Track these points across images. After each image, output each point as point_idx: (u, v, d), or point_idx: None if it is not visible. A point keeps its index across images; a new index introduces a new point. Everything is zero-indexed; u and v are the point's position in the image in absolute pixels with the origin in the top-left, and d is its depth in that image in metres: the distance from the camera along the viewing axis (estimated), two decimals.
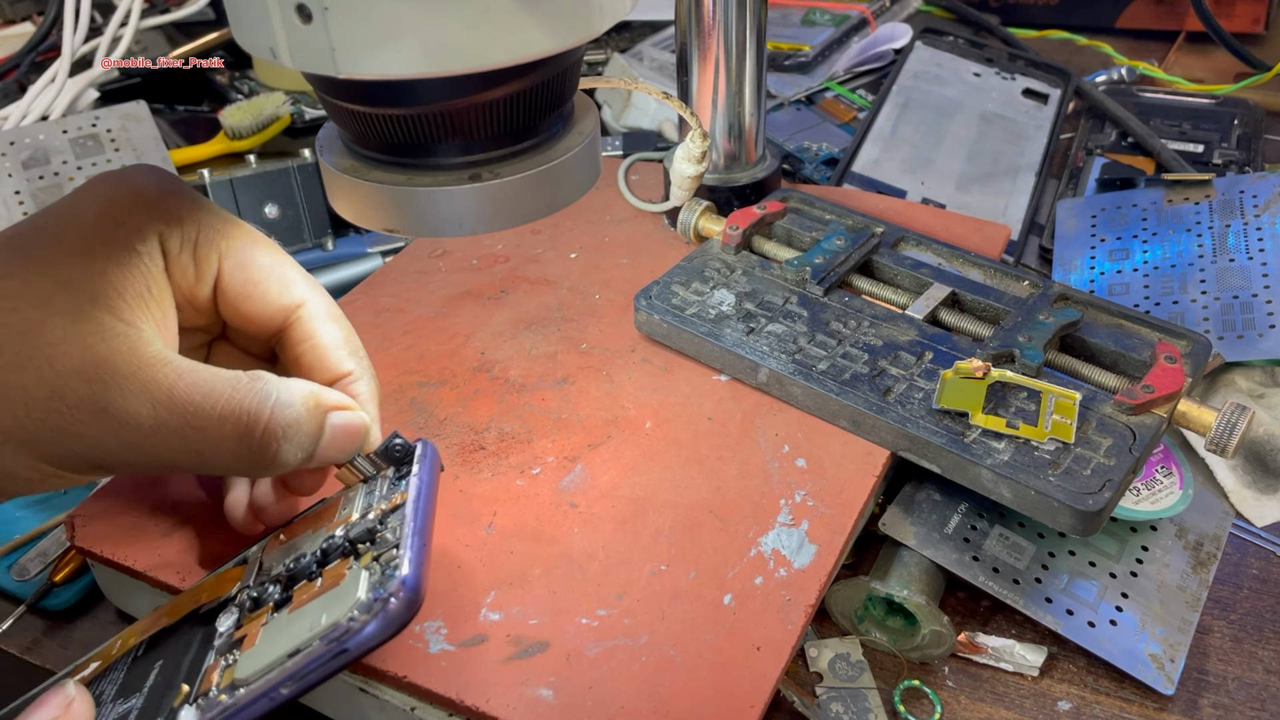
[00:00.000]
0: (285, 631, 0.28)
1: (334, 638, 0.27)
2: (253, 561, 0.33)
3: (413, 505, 0.31)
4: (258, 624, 0.30)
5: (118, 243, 0.29)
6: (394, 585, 0.28)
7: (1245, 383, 0.49)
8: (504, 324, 0.48)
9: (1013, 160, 0.67)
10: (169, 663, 0.30)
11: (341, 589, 0.29)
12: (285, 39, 0.26)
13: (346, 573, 0.29)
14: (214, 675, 0.28)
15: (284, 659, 0.27)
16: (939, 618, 0.37)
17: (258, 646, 0.28)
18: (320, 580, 0.30)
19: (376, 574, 0.29)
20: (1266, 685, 0.38)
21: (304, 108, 0.72)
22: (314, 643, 0.27)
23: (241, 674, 0.28)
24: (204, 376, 0.29)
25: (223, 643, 0.30)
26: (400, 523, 0.30)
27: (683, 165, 0.50)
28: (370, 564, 0.29)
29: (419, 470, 0.33)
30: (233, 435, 0.29)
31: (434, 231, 0.31)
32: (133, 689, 0.30)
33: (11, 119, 0.67)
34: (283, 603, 0.30)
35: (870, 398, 0.40)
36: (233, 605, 0.31)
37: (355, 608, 0.27)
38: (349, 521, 0.32)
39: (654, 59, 0.79)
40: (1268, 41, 0.85)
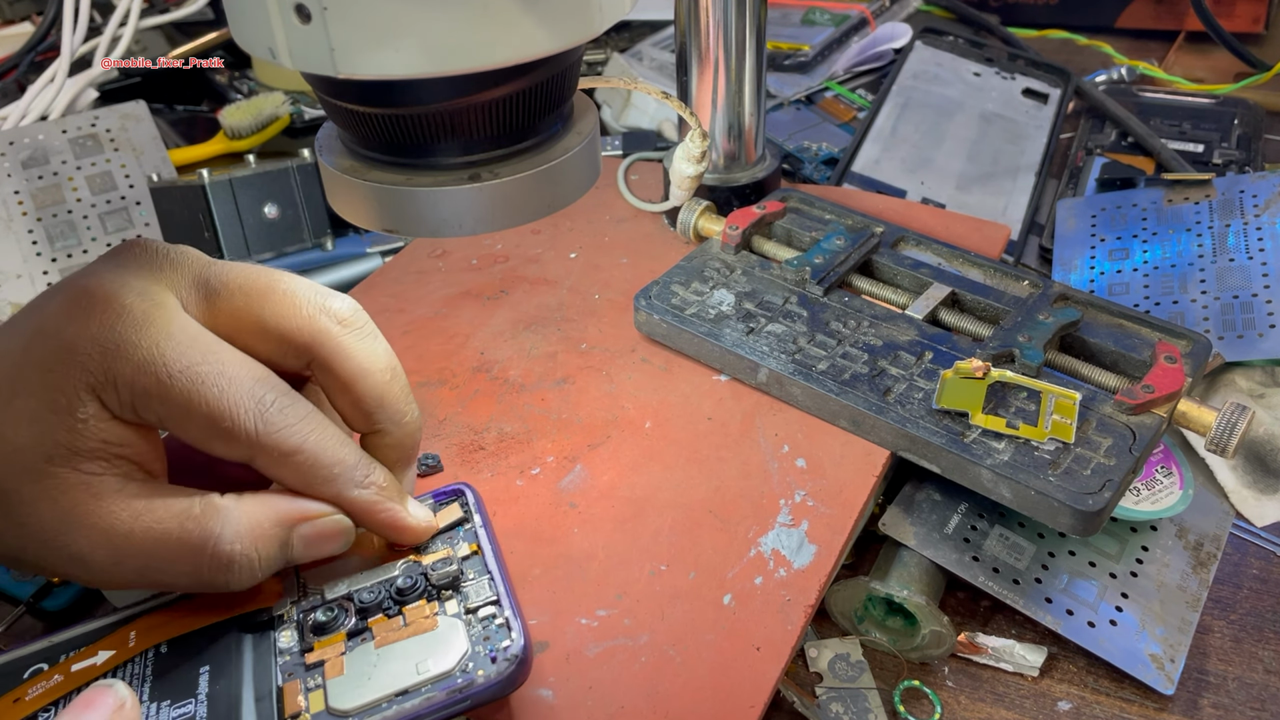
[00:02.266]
0: (380, 667, 0.30)
1: (455, 688, 0.29)
2: (288, 578, 0.33)
3: (495, 561, 0.33)
4: (334, 651, 0.31)
5: (60, 408, 0.30)
6: (511, 647, 0.30)
7: (1245, 383, 0.49)
8: (504, 324, 0.48)
9: (1013, 160, 0.67)
10: (220, 672, 0.30)
11: (440, 636, 0.30)
12: (284, 39, 0.26)
13: (438, 619, 0.31)
14: (298, 698, 0.29)
15: (392, 697, 0.29)
16: (939, 618, 0.37)
17: (349, 677, 0.30)
18: (404, 619, 0.31)
19: (476, 626, 0.31)
20: (1266, 685, 0.38)
21: (303, 108, 0.72)
22: (426, 688, 0.29)
23: (340, 704, 0.29)
24: (158, 515, 0.30)
25: (291, 663, 0.30)
26: (482, 574, 0.32)
27: (682, 165, 0.49)
28: (460, 613, 0.31)
29: (482, 522, 0.34)
30: (185, 570, 0.30)
31: (433, 231, 0.31)
32: (179, 693, 0.30)
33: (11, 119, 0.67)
34: (356, 632, 0.31)
35: (870, 398, 0.40)
36: (287, 621, 0.32)
37: (467, 659, 0.30)
38: (416, 561, 0.33)
39: (654, 59, 0.79)
40: (1268, 41, 0.85)
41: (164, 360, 0.30)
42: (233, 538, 0.30)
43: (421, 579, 0.32)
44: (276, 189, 0.59)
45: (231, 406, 0.30)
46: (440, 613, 0.31)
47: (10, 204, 0.59)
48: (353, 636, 0.31)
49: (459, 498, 0.36)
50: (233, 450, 0.31)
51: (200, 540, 0.30)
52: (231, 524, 0.30)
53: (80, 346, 0.30)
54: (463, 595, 0.32)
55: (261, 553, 0.31)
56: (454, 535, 0.34)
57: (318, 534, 0.32)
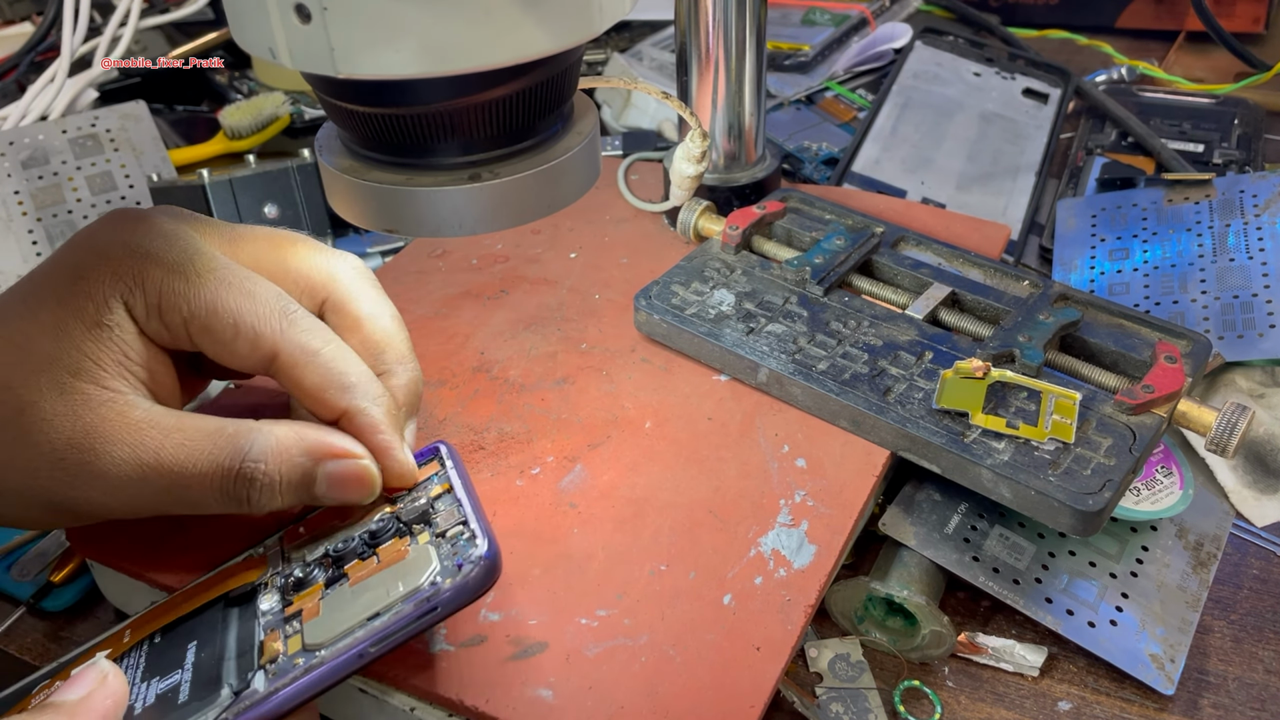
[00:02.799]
0: (354, 601, 0.30)
1: (423, 598, 0.29)
2: (272, 552, 0.34)
3: (463, 491, 0.33)
4: (313, 599, 0.30)
5: (88, 317, 0.31)
6: (476, 553, 0.30)
7: (1245, 382, 0.49)
8: (504, 324, 0.48)
9: (1013, 160, 0.67)
10: (206, 642, 0.30)
11: (411, 561, 0.30)
12: (284, 39, 0.26)
13: (409, 549, 0.31)
14: (276, 645, 0.29)
15: (364, 622, 0.29)
16: (939, 618, 0.37)
17: (323, 616, 0.30)
18: (378, 558, 0.31)
19: (445, 545, 0.31)
20: (1267, 685, 0.38)
21: (303, 108, 0.72)
22: (396, 604, 0.29)
23: (314, 639, 0.29)
24: (188, 434, 0.31)
25: (272, 619, 0.31)
26: (455, 505, 0.32)
27: (682, 165, 0.49)
28: (433, 540, 0.31)
29: (452, 465, 0.35)
30: (214, 487, 0.31)
31: (434, 231, 0.31)
32: (167, 668, 0.30)
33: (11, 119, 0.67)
34: (334, 580, 0.31)
35: (870, 398, 0.40)
36: (269, 588, 0.32)
37: (436, 574, 0.29)
38: (390, 511, 0.33)
39: (654, 59, 0.79)
40: (1268, 41, 0.85)
41: (193, 264, 0.32)
42: (260, 456, 0.31)
43: (393, 520, 0.32)
44: (276, 189, 0.59)
45: (258, 306, 0.32)
46: (411, 544, 0.31)
47: (10, 204, 0.59)
48: (330, 585, 0.31)
49: (435, 455, 0.36)
50: (255, 351, 0.32)
51: (231, 456, 0.31)
52: (260, 444, 0.31)
53: (112, 251, 0.31)
54: (433, 526, 0.32)
55: (285, 477, 0.32)
56: (427, 483, 0.35)
57: (344, 474, 0.32)
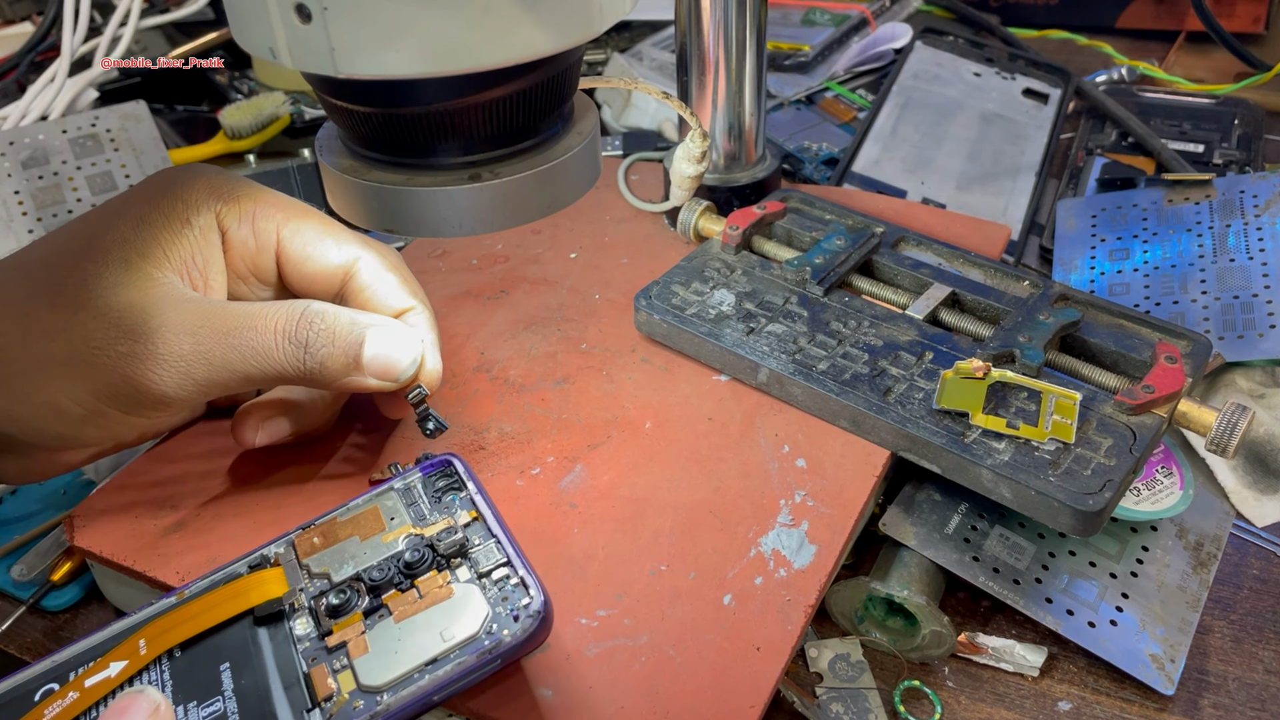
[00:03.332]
0: (404, 641, 0.30)
1: (484, 649, 0.29)
2: (288, 563, 0.33)
3: (496, 521, 0.33)
4: (355, 631, 0.31)
5: (174, 214, 0.34)
6: (533, 605, 0.30)
7: (1246, 383, 0.49)
8: (504, 324, 0.48)
9: (1013, 160, 0.67)
10: (242, 666, 0.30)
11: (458, 603, 0.31)
12: (284, 39, 0.26)
13: (453, 587, 0.31)
14: (329, 682, 0.29)
15: (423, 666, 0.29)
16: (939, 618, 0.37)
17: (375, 654, 0.30)
18: (419, 593, 0.31)
19: (492, 589, 0.31)
20: (1267, 685, 0.38)
21: (303, 108, 0.72)
22: (456, 653, 0.29)
23: (370, 680, 0.29)
24: (247, 305, 0.34)
25: (313, 647, 0.30)
26: (492, 541, 0.33)
27: (683, 165, 0.49)
28: (474, 579, 0.31)
29: (476, 489, 0.35)
30: (279, 330, 0.33)
31: (434, 231, 0.31)
32: (204, 694, 0.30)
33: (11, 119, 0.67)
34: (372, 610, 0.31)
35: (870, 398, 0.40)
36: (299, 609, 0.32)
37: (490, 622, 0.30)
38: (417, 534, 0.33)
39: (654, 59, 0.79)
40: (1268, 41, 0.85)
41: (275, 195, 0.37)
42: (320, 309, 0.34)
43: (428, 550, 0.32)
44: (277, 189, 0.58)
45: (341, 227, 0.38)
46: (453, 580, 0.32)
47: (10, 204, 0.59)
48: (369, 615, 0.31)
49: (446, 467, 0.36)
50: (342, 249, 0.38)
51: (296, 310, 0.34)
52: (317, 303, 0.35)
53: (208, 172, 0.36)
54: (472, 561, 0.32)
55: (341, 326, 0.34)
56: (450, 504, 0.34)
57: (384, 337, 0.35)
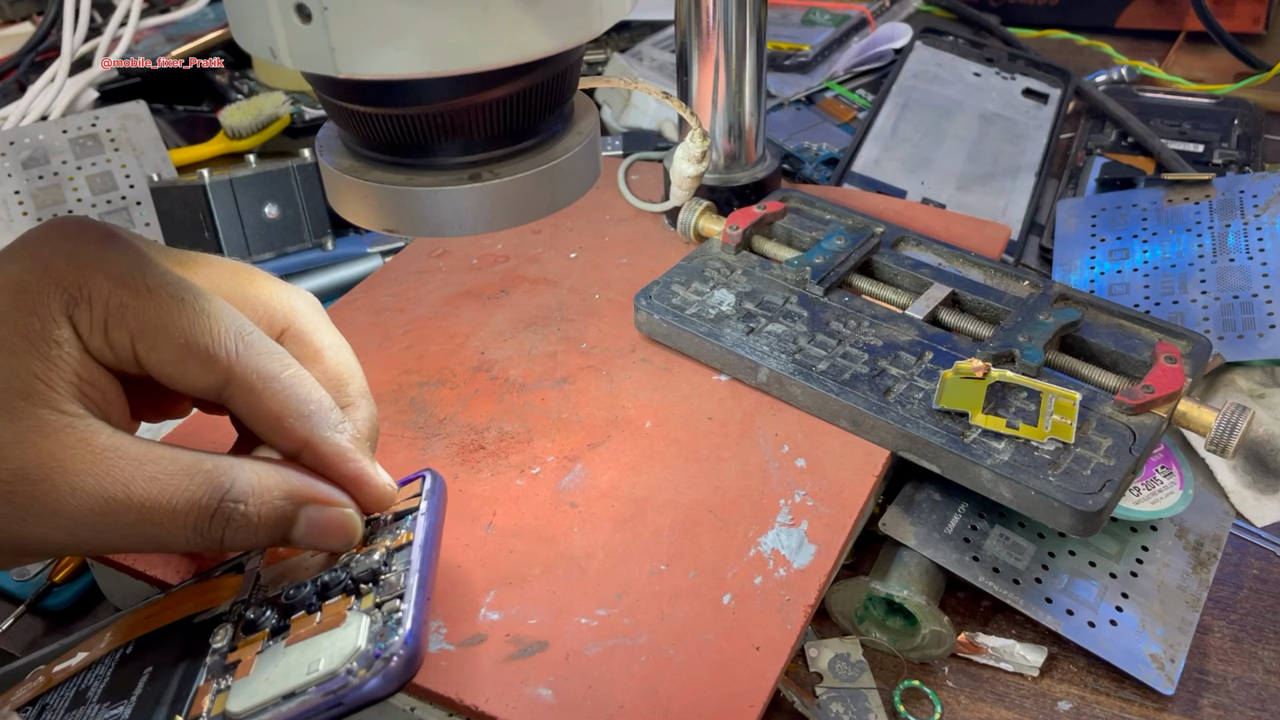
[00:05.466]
0: (280, 666, 0.28)
1: (331, 689, 0.27)
2: (249, 574, 0.33)
3: (419, 551, 0.30)
4: (252, 650, 0.29)
5: (34, 334, 0.28)
6: (395, 644, 0.27)
7: (1245, 383, 0.49)
8: (504, 324, 0.48)
9: (1013, 160, 0.67)
10: (158, 672, 0.30)
11: (341, 632, 0.28)
12: (285, 39, 0.26)
13: (347, 614, 0.29)
14: (204, 700, 0.28)
15: (279, 699, 0.27)
16: (939, 618, 0.37)
17: (251, 678, 0.28)
18: (320, 616, 0.29)
19: (379, 623, 0.28)
20: (1267, 685, 0.38)
21: (304, 108, 0.72)
22: (310, 690, 0.27)
23: (235, 707, 0.27)
24: (162, 466, 0.28)
25: (215, 662, 0.29)
26: (405, 568, 0.30)
27: (683, 165, 0.49)
28: (371, 609, 0.29)
29: (426, 509, 0.32)
30: (188, 525, 0.29)
31: (434, 231, 0.31)
32: (121, 693, 0.29)
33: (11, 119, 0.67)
34: (279, 630, 0.30)
35: (870, 398, 0.40)
36: (226, 622, 0.31)
37: (354, 659, 0.27)
38: (357, 552, 0.31)
39: (654, 59, 0.79)
40: (1268, 41, 0.85)
41: (144, 276, 0.29)
42: (240, 495, 0.29)
43: (344, 573, 0.30)
44: (277, 189, 0.59)
45: (212, 325, 0.30)
46: (353, 608, 0.29)
47: (10, 204, 0.59)
48: (276, 634, 0.29)
49: (419, 480, 0.34)
50: (206, 375, 0.30)
51: (209, 494, 0.28)
52: (241, 482, 0.29)
53: (56, 263, 0.29)
54: (380, 588, 0.30)
55: (264, 519, 0.30)
56: (400, 522, 0.32)
57: (325, 522, 0.31)
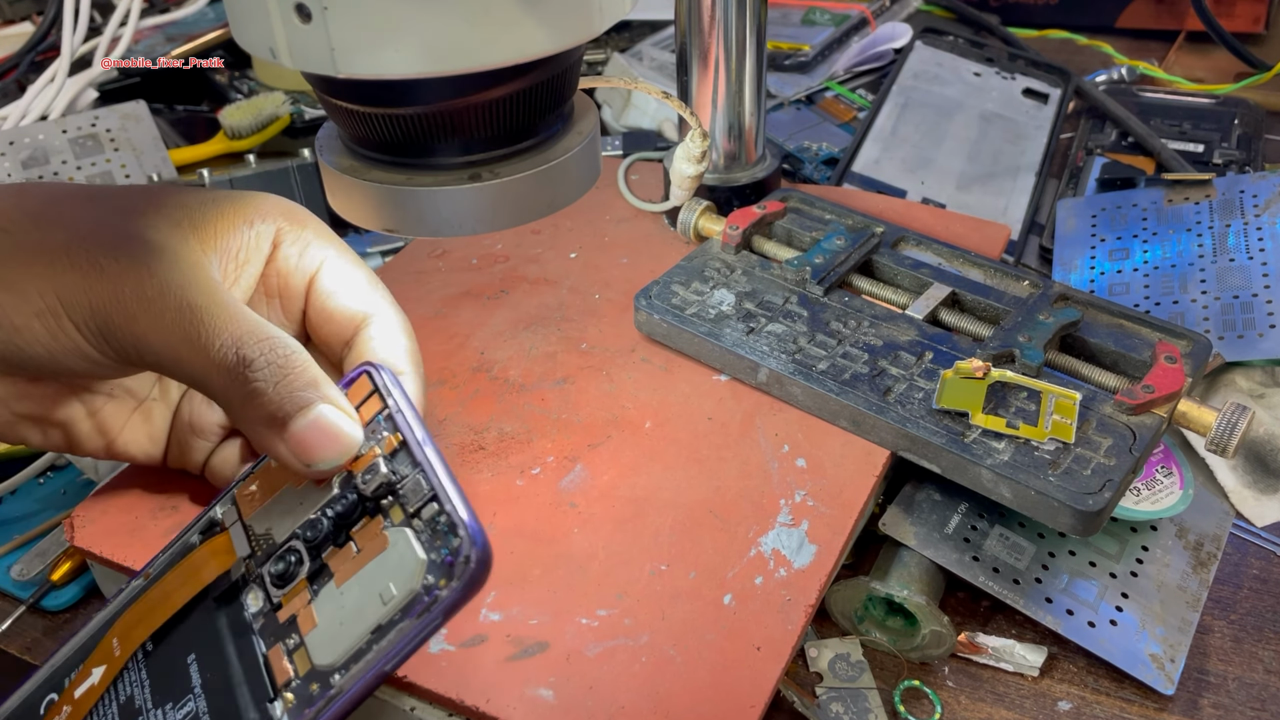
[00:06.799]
0: (348, 606, 0.27)
1: (422, 608, 0.26)
2: (231, 525, 0.31)
3: (427, 448, 0.29)
4: (301, 602, 0.28)
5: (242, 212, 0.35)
6: (462, 544, 0.26)
7: (1245, 383, 0.49)
8: (504, 324, 0.48)
9: (1013, 160, 0.67)
10: (206, 657, 0.28)
11: (393, 553, 0.27)
12: (285, 39, 0.26)
13: (387, 534, 0.28)
14: (283, 664, 0.27)
15: (369, 637, 0.26)
16: (939, 618, 0.37)
17: (321, 627, 0.27)
18: (355, 546, 0.28)
19: (425, 531, 0.27)
20: (1267, 685, 0.38)
21: (303, 107, 0.72)
22: (398, 617, 0.26)
23: (324, 660, 0.27)
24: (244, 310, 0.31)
25: (266, 625, 0.28)
26: (415, 469, 0.28)
27: (683, 165, 0.49)
28: (406, 521, 0.28)
29: (401, 404, 0.30)
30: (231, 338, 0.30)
31: (434, 231, 0.31)
32: (178, 690, 0.28)
33: (11, 119, 0.67)
34: (316, 574, 0.28)
35: (870, 398, 0.40)
36: (249, 584, 0.29)
37: (425, 573, 0.27)
38: (350, 472, 0.30)
39: (654, 59, 0.79)
40: (1268, 41, 0.85)
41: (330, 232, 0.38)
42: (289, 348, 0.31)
43: (354, 495, 0.29)
44: (276, 189, 0.59)
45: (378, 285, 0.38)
46: (387, 526, 0.28)
47: None
48: (314, 579, 0.28)
49: (364, 382, 0.31)
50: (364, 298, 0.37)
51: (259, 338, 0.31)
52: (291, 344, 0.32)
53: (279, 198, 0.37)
54: (401, 498, 0.28)
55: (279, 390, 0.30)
56: (375, 429, 0.30)
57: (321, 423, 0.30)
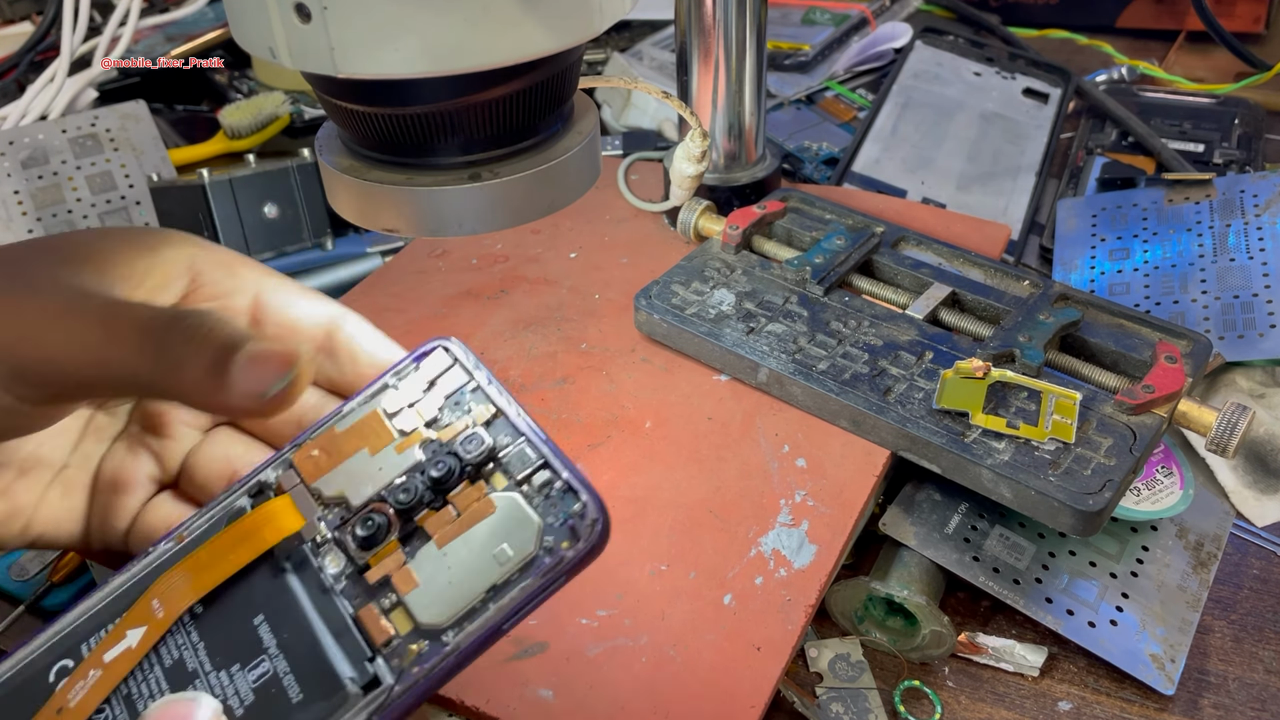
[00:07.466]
0: (456, 567, 0.27)
1: (547, 568, 0.26)
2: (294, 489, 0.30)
3: (524, 419, 0.29)
4: (395, 563, 0.28)
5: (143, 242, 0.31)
6: (585, 509, 0.27)
7: (1246, 382, 0.49)
8: (504, 324, 0.48)
9: (1013, 160, 0.67)
10: (277, 618, 0.28)
11: (505, 517, 0.27)
12: (284, 38, 0.26)
13: (494, 498, 0.28)
14: (380, 623, 0.27)
15: (484, 596, 0.26)
16: (939, 618, 0.37)
17: (425, 587, 0.27)
18: (455, 510, 0.28)
19: (537, 497, 0.28)
20: (1267, 685, 0.38)
21: (303, 107, 0.72)
22: (514, 575, 0.26)
23: (429, 618, 0.26)
24: None
25: (350, 587, 0.28)
26: (516, 440, 0.29)
27: (683, 165, 0.49)
28: (512, 487, 0.28)
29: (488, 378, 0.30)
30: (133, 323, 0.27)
31: (434, 231, 0.31)
32: (247, 650, 0.27)
33: (10, 118, 0.67)
34: (407, 536, 0.28)
35: (870, 398, 0.40)
36: (324, 544, 0.29)
37: (544, 535, 0.27)
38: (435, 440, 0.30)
39: (654, 58, 0.79)
40: (1268, 41, 0.85)
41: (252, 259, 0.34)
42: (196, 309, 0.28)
43: (453, 460, 0.29)
44: (276, 189, 0.59)
45: None
46: (490, 492, 0.28)
47: (10, 204, 0.59)
48: (406, 542, 0.28)
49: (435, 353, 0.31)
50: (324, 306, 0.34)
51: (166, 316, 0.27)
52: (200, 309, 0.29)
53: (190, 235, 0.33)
54: (505, 466, 0.28)
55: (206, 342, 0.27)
56: (461, 400, 0.30)
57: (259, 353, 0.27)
